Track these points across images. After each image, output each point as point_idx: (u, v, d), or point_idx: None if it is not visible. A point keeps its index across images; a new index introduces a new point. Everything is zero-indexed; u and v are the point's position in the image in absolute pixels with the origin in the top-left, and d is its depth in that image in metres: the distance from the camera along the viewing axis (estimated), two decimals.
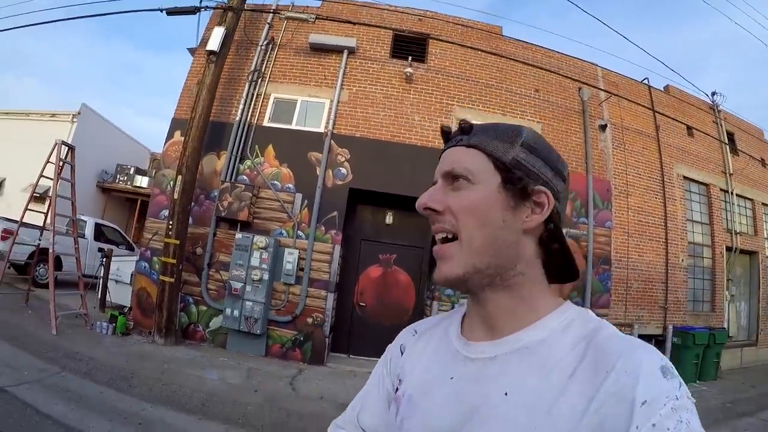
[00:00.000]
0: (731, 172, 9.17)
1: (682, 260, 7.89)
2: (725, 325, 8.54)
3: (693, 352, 7.08)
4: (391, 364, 0.74)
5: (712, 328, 7.78)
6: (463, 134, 0.61)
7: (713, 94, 9.60)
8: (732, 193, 9.11)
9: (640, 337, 7.24)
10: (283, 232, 6.47)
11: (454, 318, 0.68)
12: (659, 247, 7.61)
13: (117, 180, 12.73)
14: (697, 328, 7.47)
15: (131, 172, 12.69)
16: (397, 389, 0.67)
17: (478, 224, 0.55)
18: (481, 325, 0.60)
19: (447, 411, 0.56)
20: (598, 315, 0.58)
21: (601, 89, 7.80)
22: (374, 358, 4.84)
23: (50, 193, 6.18)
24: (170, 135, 7.02)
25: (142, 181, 12.56)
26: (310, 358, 6.08)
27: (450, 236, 0.57)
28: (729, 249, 8.84)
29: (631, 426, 0.43)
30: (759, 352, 9.32)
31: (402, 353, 0.73)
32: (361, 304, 6.76)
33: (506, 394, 0.52)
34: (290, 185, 6.61)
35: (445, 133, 0.66)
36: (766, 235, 10.05)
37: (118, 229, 10.73)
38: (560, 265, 0.62)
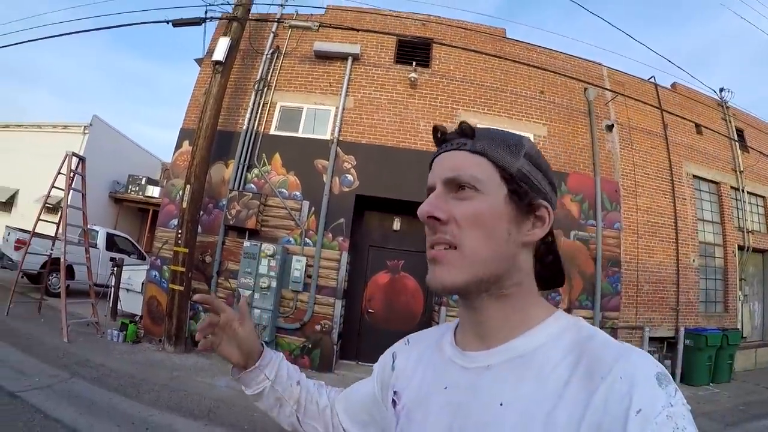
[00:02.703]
0: (742, 169, 9.03)
1: (693, 260, 7.79)
2: (738, 326, 8.39)
3: (706, 354, 6.98)
4: (384, 373, 0.74)
5: (725, 329, 7.66)
6: (464, 137, 0.59)
7: (721, 90, 9.47)
8: (743, 191, 8.97)
9: (652, 339, 7.21)
10: (291, 239, 6.52)
11: (448, 328, 0.68)
12: (669, 247, 7.52)
13: (129, 190, 12.86)
14: (709, 329, 7.37)
15: (143, 182, 12.81)
16: (394, 402, 0.66)
17: (484, 236, 0.54)
18: (475, 334, 0.59)
19: (441, 422, 0.56)
20: (608, 318, 0.61)
21: (607, 89, 7.75)
22: None
23: (62, 204, 6.30)
24: (179, 145, 7.13)
25: (154, 191, 12.67)
26: (318, 365, 6.10)
27: (449, 247, 0.55)
28: (741, 248, 8.71)
29: None
30: None
31: (394, 361, 0.73)
32: (370, 310, 6.77)
33: (501, 404, 0.51)
34: (297, 193, 6.65)
35: (441, 134, 0.62)
36: None
37: (130, 238, 10.86)
38: (551, 274, 0.64)
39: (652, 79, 8.45)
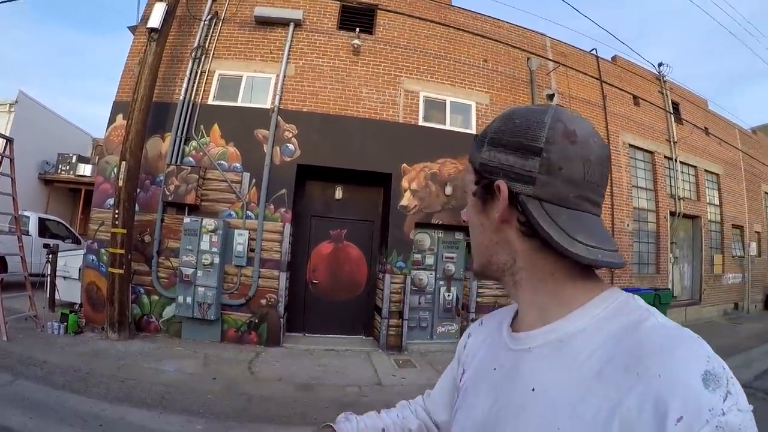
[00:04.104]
0: (675, 140, 9.55)
1: (628, 225, 8.23)
2: (669, 286, 9.02)
3: None
4: (459, 352, 0.75)
5: (657, 289, 8.19)
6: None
7: (660, 65, 9.90)
8: (676, 161, 9.51)
9: None
10: (232, 213, 6.31)
11: (512, 309, 0.66)
12: (605, 212, 7.87)
13: (59, 170, 11.98)
14: (642, 289, 7.84)
15: (74, 160, 11.96)
16: (461, 378, 0.68)
17: (473, 233, 0.61)
18: (524, 316, 0.58)
19: (484, 403, 0.55)
20: None
21: (549, 59, 7.89)
22: (330, 335, 4.84)
23: None
24: (112, 119, 6.65)
25: (86, 170, 11.86)
26: (266, 340, 6.02)
27: None
28: (672, 214, 9.28)
29: None
30: (702, 310, 9.94)
31: (468, 338, 0.74)
32: (314, 281, 6.71)
33: (533, 390, 0.49)
34: (237, 164, 6.41)
35: None
36: (708, 200, 10.61)
37: (63, 222, 10.18)
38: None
39: (594, 52, 8.68)
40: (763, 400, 4.49)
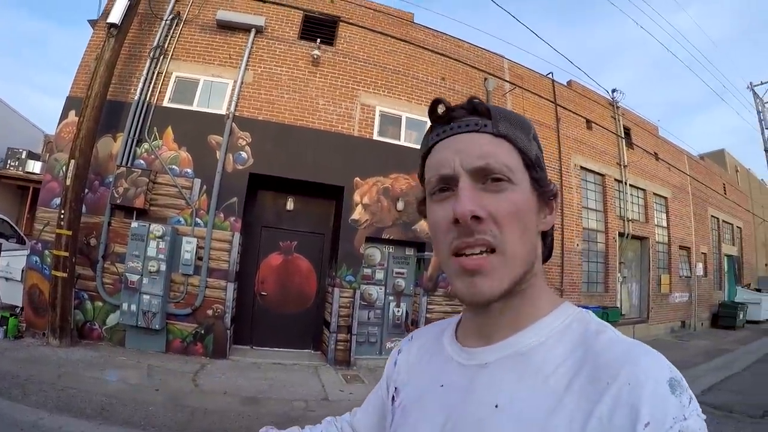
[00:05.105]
0: (626, 164, 10.00)
1: (577, 245, 8.51)
2: (618, 305, 9.35)
3: None
4: (388, 370, 0.71)
5: (606, 307, 8.49)
6: (478, 116, 0.52)
7: (613, 91, 10.39)
8: (626, 183, 9.95)
9: None
10: (181, 219, 6.14)
11: (450, 323, 0.64)
12: (556, 233, 8.05)
13: (7, 165, 11.33)
14: (591, 307, 8.09)
15: (23, 156, 11.32)
16: (393, 398, 0.64)
17: (521, 232, 0.49)
18: (477, 330, 0.55)
19: (434, 422, 0.52)
20: None
21: (506, 81, 8.14)
22: (277, 349, 4.75)
23: None
24: (64, 115, 6.37)
25: (36, 167, 11.25)
26: (212, 351, 5.84)
27: (488, 250, 0.48)
28: (621, 234, 9.67)
29: None
30: (650, 328, 10.34)
31: (398, 355, 0.70)
32: (263, 293, 6.59)
33: (496, 406, 0.47)
34: (189, 170, 6.26)
35: (446, 109, 0.54)
36: (656, 222, 11.12)
37: (8, 220, 9.62)
38: (546, 252, 0.59)
39: (550, 75, 9.02)
40: (711, 413, 4.66)
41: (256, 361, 5.83)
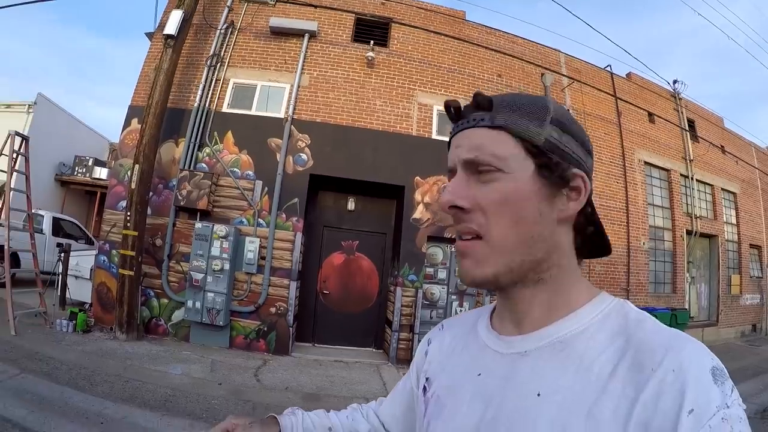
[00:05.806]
0: (691, 158, 9.41)
1: (644, 243, 8.07)
2: (686, 306, 8.78)
3: None
4: (418, 360, 0.71)
5: (674, 308, 7.99)
6: (481, 110, 0.53)
7: (675, 82, 9.82)
8: (692, 179, 9.36)
9: None
10: (244, 220, 6.31)
11: (484, 311, 0.64)
12: (621, 230, 7.75)
13: (75, 172, 12.21)
14: (658, 308, 7.65)
15: (90, 163, 12.19)
16: (425, 389, 0.64)
17: (512, 221, 0.49)
18: (512, 318, 0.55)
19: (473, 411, 0.52)
20: None
21: (563, 75, 7.86)
22: (339, 346, 4.77)
23: (5, 188, 5.87)
24: (127, 123, 6.74)
25: (102, 173, 12.08)
26: (274, 348, 5.96)
27: (475, 237, 0.51)
28: (689, 232, 9.09)
29: None
30: (720, 331, 9.66)
31: (428, 346, 0.70)
32: (325, 291, 6.66)
33: (539, 394, 0.47)
34: (250, 172, 6.43)
35: (455, 110, 0.55)
36: (725, 219, 10.40)
37: (77, 222, 10.32)
38: (593, 246, 0.58)
39: (608, 68, 8.64)
40: None
41: (318, 359, 5.88)
